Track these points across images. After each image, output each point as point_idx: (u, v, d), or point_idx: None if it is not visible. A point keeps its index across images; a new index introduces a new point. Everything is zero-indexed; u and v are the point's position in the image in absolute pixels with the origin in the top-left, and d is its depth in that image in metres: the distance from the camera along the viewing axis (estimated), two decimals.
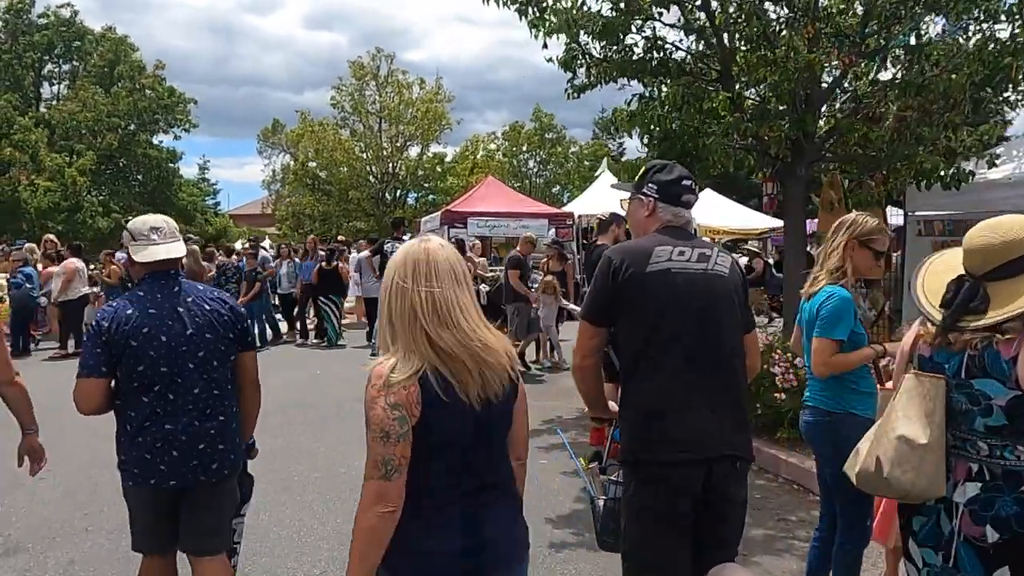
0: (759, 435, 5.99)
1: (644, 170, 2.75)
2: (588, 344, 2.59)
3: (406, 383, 1.82)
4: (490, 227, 18.20)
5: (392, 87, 26.26)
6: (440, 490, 1.91)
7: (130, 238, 2.92)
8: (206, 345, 2.84)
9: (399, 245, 2.55)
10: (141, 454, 2.77)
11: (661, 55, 7.69)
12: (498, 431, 1.99)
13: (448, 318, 1.87)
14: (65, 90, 26.90)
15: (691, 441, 2.38)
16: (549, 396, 8.56)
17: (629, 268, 2.46)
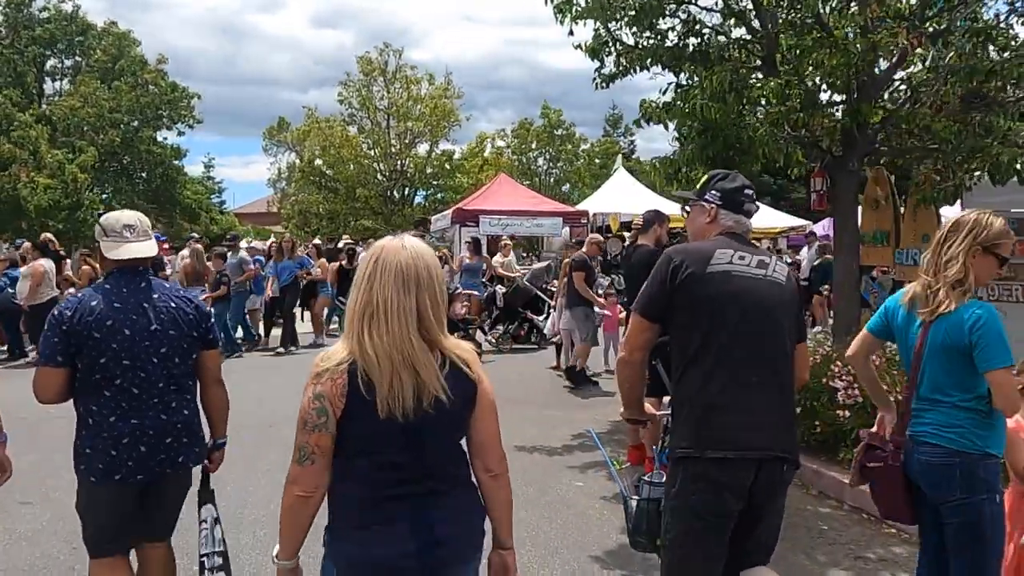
0: (817, 455, 5.45)
1: (707, 177, 2.79)
2: (639, 339, 2.61)
3: (333, 374, 1.88)
4: (503, 226, 17.67)
5: (401, 83, 25.73)
6: (371, 489, 1.93)
7: (102, 233, 2.91)
8: (169, 341, 2.87)
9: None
10: (107, 449, 2.77)
11: (699, 41, 7.18)
12: (434, 437, 1.97)
13: (379, 321, 1.89)
14: (68, 86, 26.40)
15: (744, 440, 2.42)
16: (574, 407, 8.03)
17: (689, 268, 2.49)
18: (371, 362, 1.88)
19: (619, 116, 38.08)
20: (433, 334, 1.96)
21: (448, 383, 1.95)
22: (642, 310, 2.61)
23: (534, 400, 8.35)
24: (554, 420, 7.39)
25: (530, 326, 11.88)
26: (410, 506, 1.95)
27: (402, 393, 1.88)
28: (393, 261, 1.93)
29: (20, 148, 21.68)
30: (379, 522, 1.93)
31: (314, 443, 1.90)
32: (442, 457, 2.02)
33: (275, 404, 7.50)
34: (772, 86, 5.83)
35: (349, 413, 1.89)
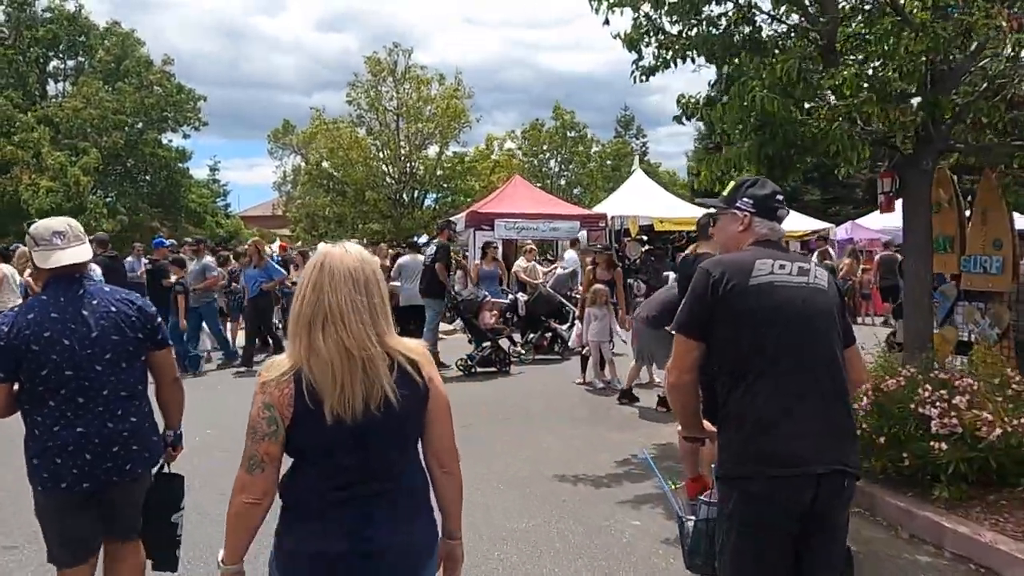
0: (903, 491, 4.83)
1: (736, 184, 2.73)
2: (687, 359, 2.54)
3: (278, 383, 1.92)
4: (518, 229, 17.08)
5: (411, 83, 25.13)
6: (317, 492, 1.95)
7: (33, 243, 2.87)
8: (113, 347, 2.85)
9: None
10: (52, 458, 2.77)
11: (751, 29, 6.58)
12: (382, 439, 1.97)
13: (332, 324, 1.91)
14: (70, 87, 25.85)
15: (799, 455, 2.34)
16: (611, 426, 7.40)
17: (730, 281, 2.43)
18: (323, 367, 1.90)
19: (631, 117, 37.55)
20: (382, 335, 1.98)
21: (397, 384, 1.96)
22: (686, 329, 2.54)
23: (565, 418, 7.75)
24: (591, 442, 6.78)
25: (553, 336, 11.26)
26: (354, 506, 1.95)
27: (352, 397, 1.90)
28: (341, 265, 1.96)
29: (22, 150, 21.12)
30: (322, 520, 1.95)
31: (263, 452, 1.92)
32: (389, 459, 2.02)
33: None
34: (847, 75, 5.20)
35: (296, 420, 1.91)
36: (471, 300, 10.30)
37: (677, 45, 6.91)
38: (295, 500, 1.99)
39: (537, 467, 6.01)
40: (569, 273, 12.72)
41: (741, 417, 2.41)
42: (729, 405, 2.46)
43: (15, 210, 20.83)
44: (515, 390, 9.21)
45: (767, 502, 2.36)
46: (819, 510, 2.36)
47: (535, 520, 4.87)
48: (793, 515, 2.36)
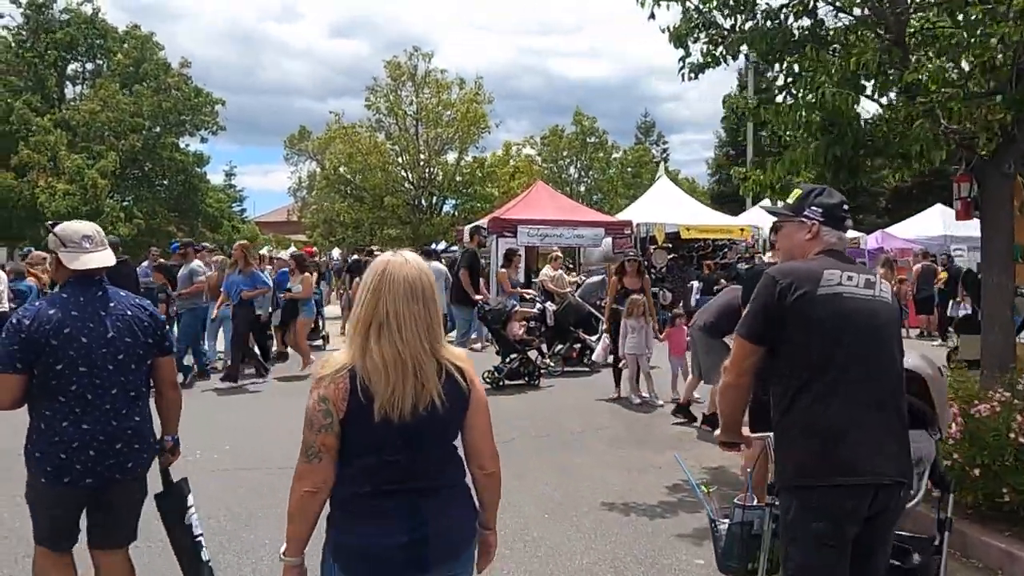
0: (1000, 529, 4.33)
1: (804, 193, 2.73)
2: (745, 363, 2.56)
3: (333, 379, 2.03)
4: (541, 236, 16.62)
5: (430, 88, 24.78)
6: (370, 486, 2.04)
7: (59, 244, 2.96)
8: (125, 348, 2.96)
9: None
10: (57, 453, 2.85)
11: (812, 22, 6.14)
12: (428, 440, 2.08)
13: (388, 330, 2.02)
14: (88, 90, 25.68)
15: (863, 466, 2.37)
16: (654, 446, 6.93)
17: (799, 289, 2.45)
18: (376, 369, 1.99)
19: (651, 123, 37.08)
20: (435, 343, 2.08)
21: (444, 389, 2.06)
22: (748, 334, 2.56)
23: (604, 437, 7.29)
24: (636, 464, 6.31)
25: (582, 347, 10.79)
26: (402, 502, 2.05)
27: (402, 399, 2.00)
28: (400, 274, 2.06)
29: (38, 153, 20.90)
30: (373, 515, 2.04)
31: (320, 442, 2.01)
32: (434, 458, 2.12)
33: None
34: (933, 67, 4.74)
35: (349, 416, 2.00)
36: (499, 310, 9.86)
37: (729, 40, 6.51)
38: (345, 494, 2.07)
39: (582, 493, 5.56)
40: (599, 282, 12.25)
41: (808, 426, 2.42)
42: (793, 413, 2.45)
43: (31, 213, 20.61)
44: (548, 405, 8.76)
45: (829, 511, 2.38)
46: (874, 520, 2.41)
47: (589, 557, 4.43)
48: (852, 524, 2.39)
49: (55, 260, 3.04)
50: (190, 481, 3.29)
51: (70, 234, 2.99)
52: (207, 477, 5.91)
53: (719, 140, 40.27)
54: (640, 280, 9.16)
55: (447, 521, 2.12)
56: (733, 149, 39.13)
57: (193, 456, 6.52)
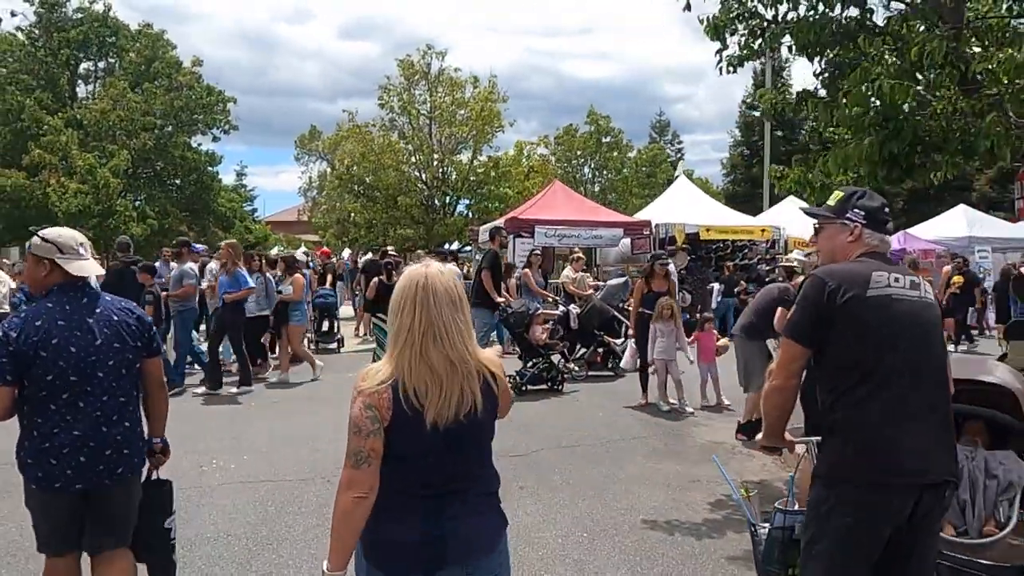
0: None
1: (846, 195, 2.72)
2: (793, 365, 2.58)
3: (377, 389, 2.07)
4: (559, 236, 16.33)
5: (444, 86, 24.47)
6: (403, 490, 2.10)
7: (56, 250, 2.97)
8: (115, 355, 3.00)
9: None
10: (47, 459, 2.88)
11: (860, 12, 5.82)
12: (466, 444, 2.14)
13: (439, 338, 2.09)
14: (100, 89, 25.48)
15: (911, 465, 2.39)
16: (693, 458, 6.61)
17: (848, 291, 2.46)
18: (432, 377, 2.07)
19: (666, 123, 36.67)
20: (473, 349, 2.16)
21: (482, 395, 2.14)
22: (798, 336, 2.57)
23: (637, 448, 6.97)
24: (675, 478, 6.00)
25: (607, 351, 10.47)
26: (429, 502, 2.11)
27: (449, 405, 2.08)
28: (441, 285, 2.13)
29: (50, 153, 20.71)
30: (400, 513, 2.11)
31: (369, 448, 2.05)
32: (470, 463, 2.19)
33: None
34: (1003, 59, 4.40)
35: (394, 424, 2.06)
36: (521, 313, 9.55)
37: (770, 32, 6.20)
38: (380, 495, 2.08)
39: (621, 510, 5.25)
40: (621, 284, 11.93)
41: (854, 424, 2.43)
42: (842, 412, 2.46)
43: (43, 213, 20.44)
44: (573, 413, 8.45)
45: (867, 508, 2.39)
46: (918, 520, 2.41)
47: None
48: (889, 523, 2.39)
49: (47, 266, 2.99)
50: (206, 493, 3.45)
51: (67, 240, 3.02)
52: (223, 490, 5.64)
53: (734, 140, 39.96)
54: (667, 283, 8.84)
55: (469, 523, 2.16)
56: (748, 149, 38.83)
57: (208, 466, 6.26)
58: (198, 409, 8.54)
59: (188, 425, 7.64)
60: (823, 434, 2.57)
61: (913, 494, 2.38)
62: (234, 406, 8.77)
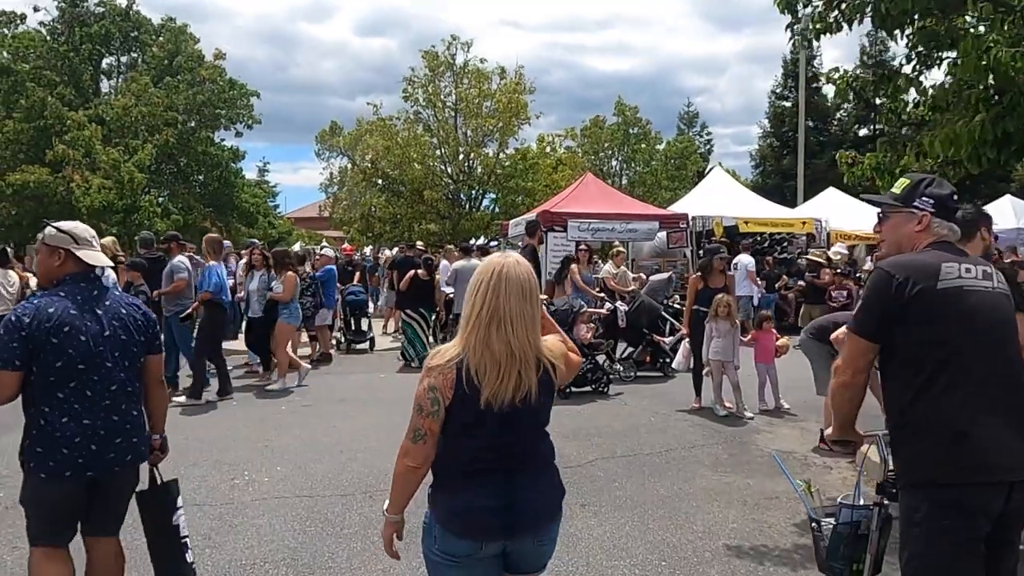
0: None
1: (913, 183, 2.63)
2: (862, 360, 2.50)
3: (444, 369, 2.22)
4: (592, 231, 15.73)
5: (470, 78, 23.91)
6: (468, 462, 2.27)
7: (72, 241, 3.07)
8: (121, 346, 3.07)
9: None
10: (59, 448, 2.92)
11: None
12: (521, 424, 2.28)
13: (503, 326, 2.21)
14: (123, 84, 25.18)
15: (996, 462, 2.30)
16: (761, 470, 6.05)
17: (917, 284, 2.38)
18: (492, 361, 2.20)
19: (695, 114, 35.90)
20: (538, 339, 2.29)
21: (539, 382, 2.26)
22: (864, 330, 2.49)
23: (698, 458, 6.42)
24: (750, 495, 5.45)
25: (655, 350, 9.90)
26: (497, 476, 2.27)
27: (505, 389, 2.20)
28: (514, 275, 2.25)
29: (73, 149, 20.41)
30: (470, 485, 2.28)
31: (427, 427, 2.23)
32: (527, 440, 2.34)
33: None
34: None
35: (455, 403, 2.21)
36: (564, 311, 9.01)
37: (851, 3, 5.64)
38: (446, 470, 2.30)
39: (698, 533, 4.71)
40: (665, 280, 11.34)
41: (933, 423, 2.35)
42: (918, 410, 2.38)
43: (66, 210, 20.18)
44: (622, 418, 7.90)
45: (966, 509, 2.31)
46: (1009, 518, 2.35)
47: None
48: (986, 523, 2.32)
49: (61, 256, 3.05)
50: (239, 511, 3.42)
51: (81, 231, 3.11)
52: (257, 508, 5.16)
53: (763, 131, 39.10)
54: (725, 279, 8.26)
55: (534, 495, 2.32)
56: (778, 140, 37.97)
57: (240, 479, 5.80)
58: (225, 415, 8.09)
59: (214, 432, 7.21)
60: (902, 433, 2.46)
61: (1004, 491, 2.30)
62: (263, 410, 8.32)
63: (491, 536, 2.26)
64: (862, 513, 2.81)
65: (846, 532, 2.78)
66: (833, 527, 2.85)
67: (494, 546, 2.28)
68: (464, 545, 2.26)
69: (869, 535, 2.76)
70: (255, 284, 9.74)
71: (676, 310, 10.75)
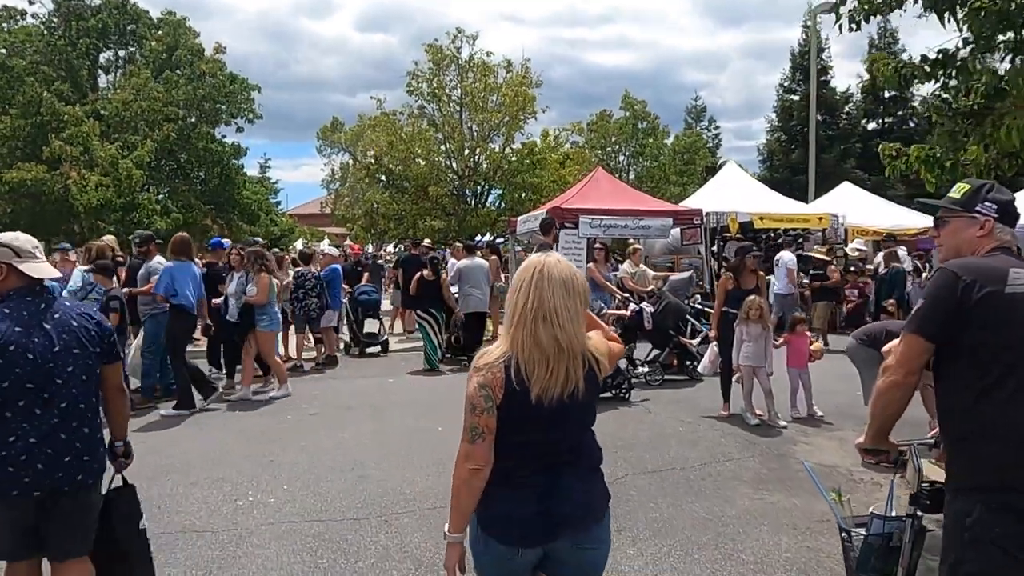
0: None
1: (975, 187, 2.61)
2: (917, 360, 2.45)
3: (491, 368, 2.22)
4: (604, 227, 15.24)
5: (476, 71, 23.38)
6: (518, 462, 2.25)
7: (12, 255, 2.95)
8: (74, 361, 2.96)
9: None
10: (5, 467, 2.83)
11: None
12: (570, 420, 2.28)
13: (549, 321, 2.22)
14: (121, 78, 24.62)
15: None
16: (804, 486, 5.60)
17: (984, 287, 2.35)
18: (540, 356, 2.21)
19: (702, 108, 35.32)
20: (583, 335, 2.31)
21: (585, 378, 2.27)
22: (925, 331, 2.43)
23: (737, 475, 5.98)
24: (800, 518, 5.00)
25: (681, 352, 9.44)
26: (542, 475, 2.27)
27: (555, 384, 2.21)
28: (557, 272, 2.28)
29: (71, 146, 19.92)
30: (515, 486, 2.25)
31: (483, 424, 2.20)
32: (575, 437, 2.34)
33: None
34: None
35: (505, 400, 2.20)
36: None
37: None
38: (495, 470, 2.23)
39: (750, 565, 4.28)
40: (686, 279, 10.88)
41: (1001, 426, 2.30)
42: (982, 413, 2.34)
43: (64, 208, 19.71)
44: (649, 427, 7.45)
45: (1020, 515, 2.25)
46: None
47: None
48: None
49: (3, 270, 2.93)
50: (244, 538, 3.25)
51: (23, 243, 3.00)
52: (264, 534, 4.72)
53: (771, 125, 38.57)
54: (757, 279, 7.80)
55: (578, 495, 2.29)
56: (786, 134, 37.43)
57: (244, 500, 5.36)
58: (225, 426, 7.65)
59: (214, 446, 6.77)
60: (962, 436, 2.40)
61: None
62: (265, 420, 7.88)
63: (528, 543, 2.27)
64: (894, 524, 2.74)
65: (877, 543, 2.73)
66: (864, 538, 2.78)
67: (531, 552, 2.28)
68: (503, 549, 2.27)
69: (901, 547, 2.68)
70: (233, 286, 8.96)
71: (697, 310, 10.29)
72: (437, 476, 5.71)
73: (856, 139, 36.34)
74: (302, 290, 10.79)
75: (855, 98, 37.67)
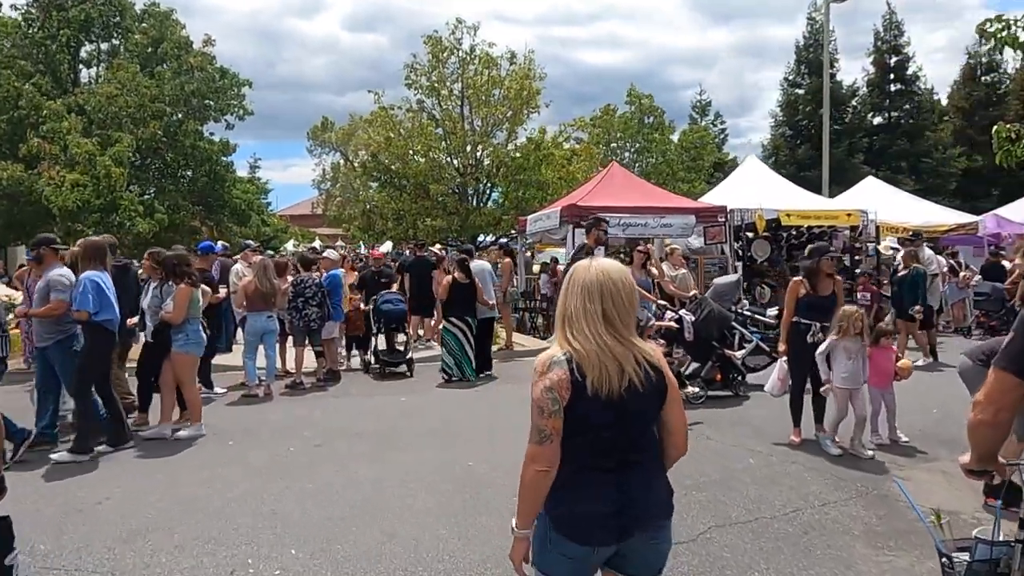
0: None
1: None
2: (1007, 398, 2.30)
3: (558, 368, 2.24)
4: (623, 226, 14.20)
5: (478, 63, 22.27)
6: (588, 462, 2.28)
7: None
8: None
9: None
10: None
11: None
12: (639, 419, 2.31)
13: (611, 323, 2.27)
14: (104, 72, 23.31)
15: None
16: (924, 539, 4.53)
17: None
18: (605, 356, 2.23)
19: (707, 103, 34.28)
20: (634, 336, 2.34)
21: (643, 377, 2.27)
22: (1014, 367, 2.27)
23: (844, 525, 4.91)
24: None
25: (726, 366, 8.38)
26: (610, 475, 2.28)
27: (616, 381, 2.22)
28: (606, 275, 2.32)
29: (50, 143, 18.67)
30: (587, 485, 2.27)
31: (551, 426, 2.22)
32: (639, 435, 2.32)
33: None
34: None
35: (572, 401, 2.21)
36: None
37: None
38: (565, 470, 2.25)
39: None
40: (733, 283, 9.79)
41: None
42: None
43: (42, 209, 18.46)
44: (712, 457, 6.39)
45: None
46: None
47: None
48: None
49: None
50: None
51: None
52: None
53: (775, 120, 37.68)
54: (834, 284, 6.72)
55: (649, 492, 2.32)
56: (791, 129, 36.53)
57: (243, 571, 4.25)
58: (216, 461, 6.52)
59: (204, 490, 5.63)
60: None
61: None
62: (263, 454, 6.75)
63: (604, 541, 2.27)
64: (1002, 550, 2.59)
65: (983, 570, 2.62)
66: (967, 564, 2.68)
67: (606, 550, 2.29)
68: (576, 548, 2.26)
69: (1011, 575, 2.51)
70: (147, 299, 7.45)
71: (745, 317, 9.23)
72: (480, 539, 4.63)
73: (863, 134, 35.52)
74: (301, 298, 9.68)
75: (861, 92, 36.85)
